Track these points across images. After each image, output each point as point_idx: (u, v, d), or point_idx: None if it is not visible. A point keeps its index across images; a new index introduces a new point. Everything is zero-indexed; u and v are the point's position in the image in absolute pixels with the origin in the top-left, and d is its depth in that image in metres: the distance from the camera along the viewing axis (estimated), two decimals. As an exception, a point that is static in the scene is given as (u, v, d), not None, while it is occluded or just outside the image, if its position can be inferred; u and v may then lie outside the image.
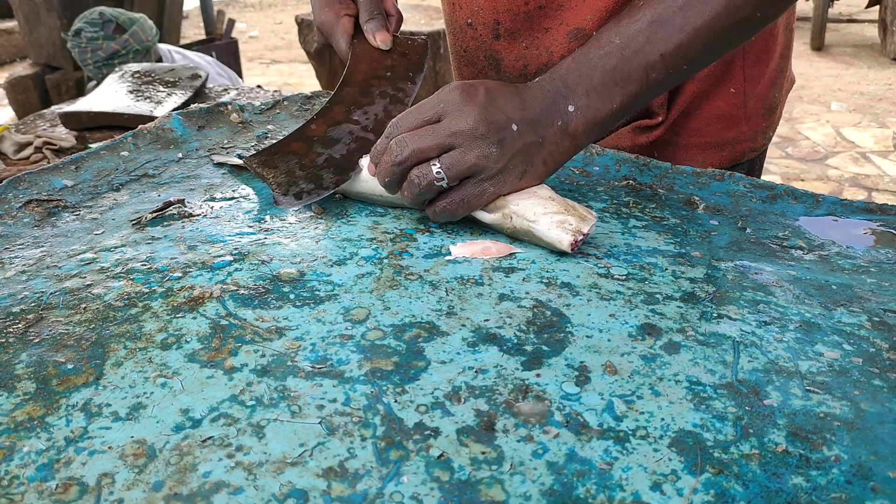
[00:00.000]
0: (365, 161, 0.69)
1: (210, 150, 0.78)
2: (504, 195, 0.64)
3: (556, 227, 0.61)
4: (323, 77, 4.13)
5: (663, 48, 0.63)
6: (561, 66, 0.66)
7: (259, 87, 1.80)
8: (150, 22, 2.43)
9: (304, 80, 5.21)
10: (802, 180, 3.27)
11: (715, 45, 0.65)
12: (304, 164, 0.70)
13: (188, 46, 3.92)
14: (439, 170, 0.61)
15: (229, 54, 3.82)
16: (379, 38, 0.77)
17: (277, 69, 5.62)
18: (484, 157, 0.61)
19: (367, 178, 0.69)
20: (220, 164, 0.79)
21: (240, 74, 4.02)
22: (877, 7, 5.39)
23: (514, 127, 0.61)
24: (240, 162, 0.76)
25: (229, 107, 0.92)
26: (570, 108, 0.64)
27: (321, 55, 3.87)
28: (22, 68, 4.19)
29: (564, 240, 0.61)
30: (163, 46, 2.54)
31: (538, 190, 0.65)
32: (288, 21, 7.03)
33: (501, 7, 0.82)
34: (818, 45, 5.41)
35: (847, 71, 4.92)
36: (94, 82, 2.47)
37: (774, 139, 3.72)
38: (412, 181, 0.62)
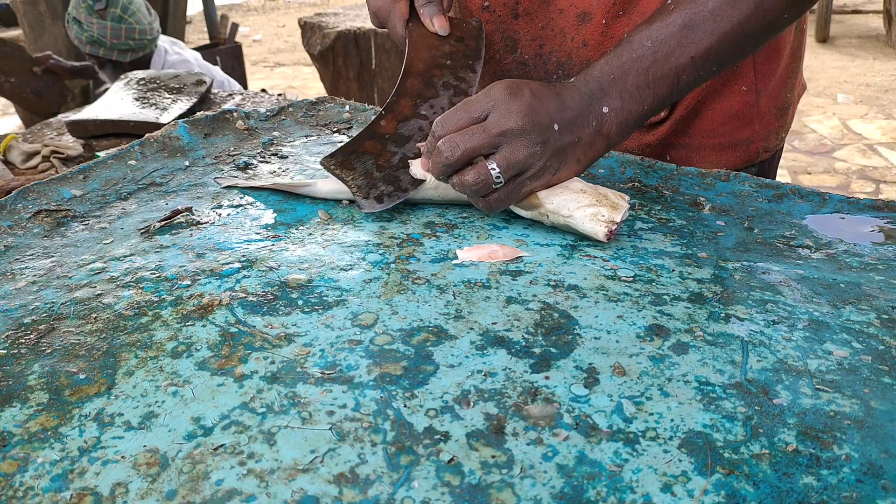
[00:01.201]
0: (415, 166, 0.70)
1: (217, 178, 0.78)
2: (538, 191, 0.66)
3: (589, 220, 0.64)
4: (327, 79, 4.14)
5: (694, 51, 0.65)
6: (595, 67, 0.67)
7: (263, 90, 1.81)
8: (148, 23, 2.45)
9: (308, 82, 5.22)
10: (810, 173, 3.25)
11: (744, 47, 0.67)
12: (380, 165, 0.71)
13: (192, 50, 3.93)
14: (498, 173, 0.62)
15: (233, 58, 3.83)
16: (437, 24, 0.77)
17: (281, 72, 5.63)
18: (531, 155, 0.62)
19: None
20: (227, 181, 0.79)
21: (244, 78, 4.03)
22: (882, -2, 5.37)
23: (556, 127, 0.63)
24: (246, 183, 0.76)
25: (235, 114, 0.92)
26: (605, 110, 0.65)
27: (325, 57, 3.88)
28: (28, 76, 4.21)
29: (599, 232, 0.64)
30: (161, 49, 2.55)
31: (570, 183, 0.66)
32: (291, 24, 7.05)
33: None
34: (823, 37, 5.38)
35: (853, 63, 4.90)
36: (100, 89, 2.50)
37: (780, 133, 3.70)
38: (468, 183, 0.63)
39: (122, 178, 0.78)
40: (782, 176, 3.21)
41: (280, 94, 1.83)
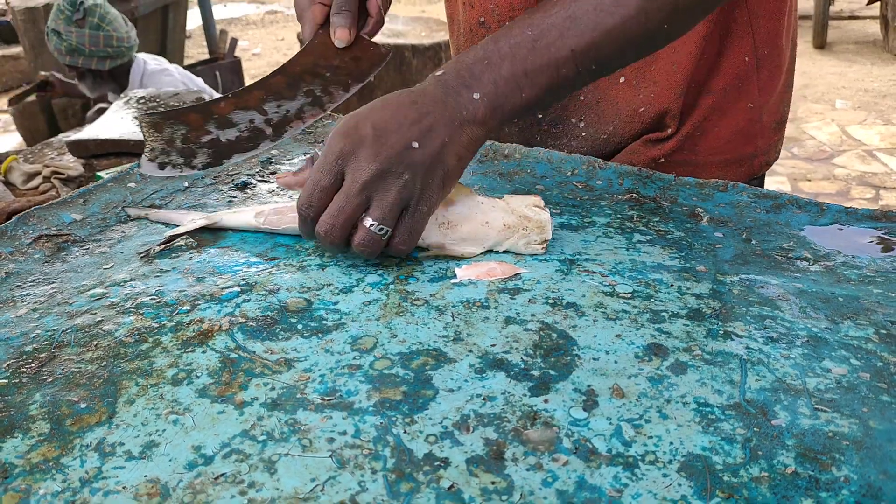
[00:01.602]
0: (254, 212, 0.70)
1: (126, 208, 0.77)
2: (445, 208, 0.66)
3: (524, 248, 0.67)
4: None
5: (574, 44, 0.63)
6: (468, 55, 0.65)
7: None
8: (125, 31, 2.50)
9: (308, 95, 5.22)
10: (809, 180, 3.26)
11: (624, 50, 0.66)
12: (186, 138, 0.69)
13: (193, 66, 3.96)
14: (378, 226, 0.61)
15: (233, 73, 3.85)
16: (337, 34, 0.74)
17: (281, 85, 5.64)
18: (402, 188, 0.60)
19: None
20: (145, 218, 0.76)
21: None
22: (877, 3, 5.38)
23: (415, 144, 0.60)
24: (157, 217, 0.75)
25: (233, 134, 0.92)
26: (476, 96, 0.63)
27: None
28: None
29: (538, 251, 0.66)
30: (140, 60, 2.60)
31: (489, 216, 0.67)
32: (290, 37, 7.08)
33: (517, 4, 0.84)
34: (820, 44, 5.39)
35: (850, 68, 4.91)
36: (91, 111, 2.53)
37: (779, 139, 3.70)
38: (360, 247, 0.61)
39: (122, 200, 0.78)
40: (782, 183, 3.21)
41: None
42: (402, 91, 0.64)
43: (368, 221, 0.60)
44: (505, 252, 0.67)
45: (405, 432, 0.45)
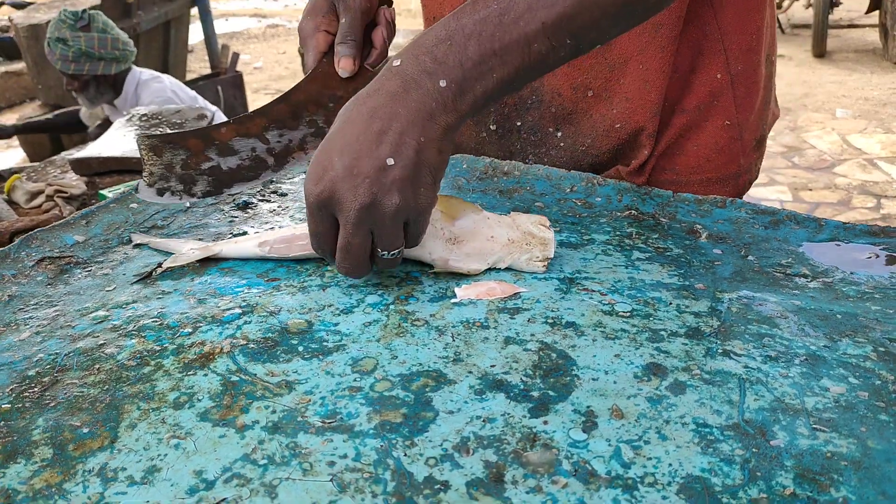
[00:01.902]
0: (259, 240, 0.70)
1: (132, 235, 0.76)
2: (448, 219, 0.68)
3: (526, 265, 0.67)
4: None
5: (545, 16, 0.57)
6: (427, 36, 0.59)
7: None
8: (125, 36, 2.55)
9: (310, 108, 5.24)
10: (810, 189, 3.26)
11: (599, 21, 0.59)
12: (187, 163, 0.69)
13: (195, 81, 3.98)
14: (389, 253, 0.61)
15: (234, 88, 3.87)
16: (341, 64, 0.73)
17: (283, 99, 5.66)
18: (395, 211, 0.58)
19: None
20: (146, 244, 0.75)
21: (246, 108, 4.07)
22: (876, 12, 5.40)
23: (390, 161, 0.57)
24: (158, 245, 0.73)
25: (235, 153, 0.93)
26: (442, 84, 0.58)
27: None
28: (31, 109, 4.26)
29: (539, 270, 0.67)
30: (136, 70, 2.63)
31: (495, 231, 0.69)
32: (291, 51, 7.11)
33: None
34: (820, 52, 5.41)
35: (850, 77, 4.92)
36: (92, 127, 2.56)
37: (780, 149, 3.72)
38: (383, 268, 0.63)
39: (124, 221, 0.79)
40: (783, 192, 3.22)
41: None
42: (359, 97, 0.60)
43: (379, 252, 0.61)
44: (506, 270, 0.67)
45: (405, 455, 0.45)
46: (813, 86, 4.74)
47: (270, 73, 6.53)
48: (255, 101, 5.43)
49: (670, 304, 0.61)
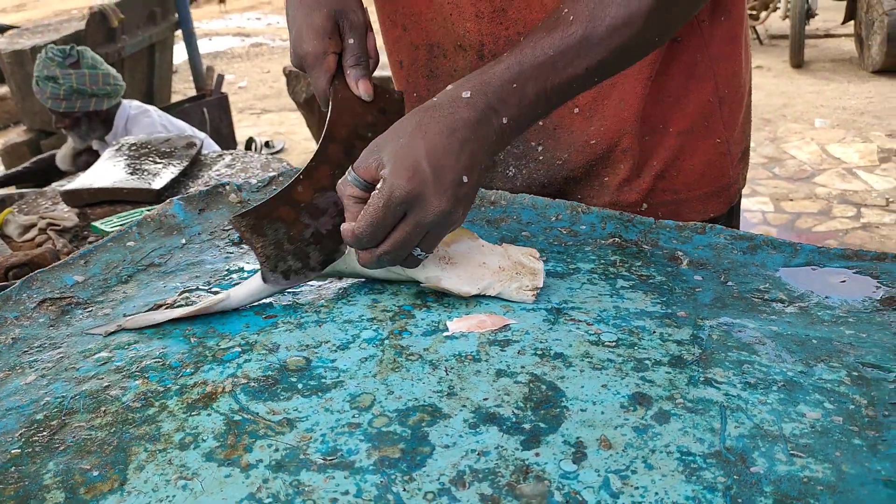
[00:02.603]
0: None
1: (90, 331, 0.69)
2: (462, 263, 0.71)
3: (516, 294, 0.70)
4: (313, 126, 4.20)
5: (588, 63, 0.68)
6: (494, 74, 0.67)
7: (251, 141, 1.85)
8: (114, 71, 2.55)
9: (295, 128, 5.27)
10: (791, 200, 3.31)
11: (625, 64, 0.72)
12: (291, 237, 0.70)
13: (181, 103, 4.00)
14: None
15: (220, 110, 3.89)
16: (362, 88, 0.75)
17: (268, 119, 5.69)
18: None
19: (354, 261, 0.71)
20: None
21: (231, 128, 4.08)
22: (852, 22, 5.50)
23: (465, 178, 0.64)
24: (112, 328, 0.69)
25: (227, 188, 0.95)
26: (504, 121, 0.66)
27: (310, 104, 3.94)
28: (16, 134, 4.26)
29: (528, 300, 0.70)
30: (125, 104, 2.63)
31: (487, 258, 0.72)
32: (276, 70, 7.14)
33: (485, 30, 0.88)
34: (798, 63, 5.50)
35: (828, 86, 5.01)
36: (80, 154, 2.57)
37: (761, 160, 3.78)
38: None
39: (122, 260, 0.81)
40: (764, 203, 3.27)
41: (267, 142, 1.86)
42: (430, 112, 0.66)
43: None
44: (496, 301, 0.69)
45: (404, 490, 0.47)
46: (791, 96, 4.81)
47: (255, 92, 6.55)
48: (241, 122, 5.45)
49: (654, 332, 0.64)
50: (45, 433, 0.55)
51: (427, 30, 0.93)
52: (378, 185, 0.64)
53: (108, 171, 1.56)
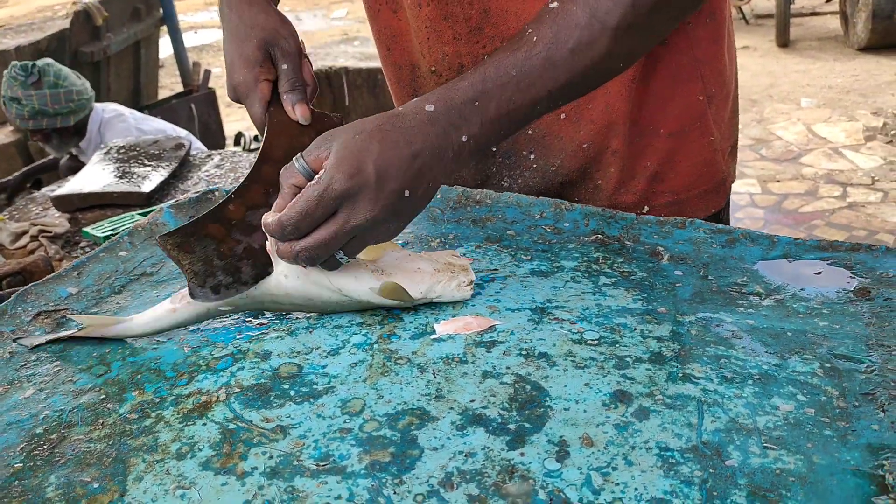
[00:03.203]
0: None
1: (19, 341, 0.71)
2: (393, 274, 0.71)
3: (457, 291, 0.72)
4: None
5: (552, 86, 0.68)
6: (457, 90, 0.67)
7: (239, 135, 1.85)
8: (81, 84, 2.53)
9: (284, 120, 5.25)
10: (778, 181, 3.34)
11: (591, 86, 0.73)
12: (221, 252, 0.69)
13: (168, 99, 3.99)
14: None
15: (208, 105, 3.89)
16: (299, 112, 0.77)
17: (256, 112, 5.66)
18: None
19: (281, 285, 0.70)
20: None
21: (220, 123, 4.08)
22: (837, -1, 5.52)
23: (407, 193, 0.64)
24: (50, 336, 0.71)
25: (216, 193, 0.97)
26: (464, 139, 0.66)
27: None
28: (3, 135, 4.24)
29: (468, 294, 0.72)
30: (98, 108, 2.61)
31: (422, 264, 0.73)
32: (262, 61, 7.09)
33: (464, 51, 0.89)
34: (783, 42, 5.52)
35: (814, 65, 5.03)
36: (65, 158, 2.56)
37: (748, 142, 3.80)
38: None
39: (115, 270, 0.82)
40: (752, 185, 3.29)
41: (255, 137, 1.86)
42: (393, 119, 0.66)
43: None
44: (481, 300, 0.71)
45: (395, 493, 0.49)
46: (778, 76, 4.83)
47: (242, 85, 6.51)
48: (229, 116, 5.43)
49: (635, 329, 0.66)
50: (45, 447, 0.56)
51: (408, 50, 0.94)
52: (317, 176, 0.63)
53: (97, 176, 1.57)
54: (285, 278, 0.69)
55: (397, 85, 0.98)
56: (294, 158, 0.66)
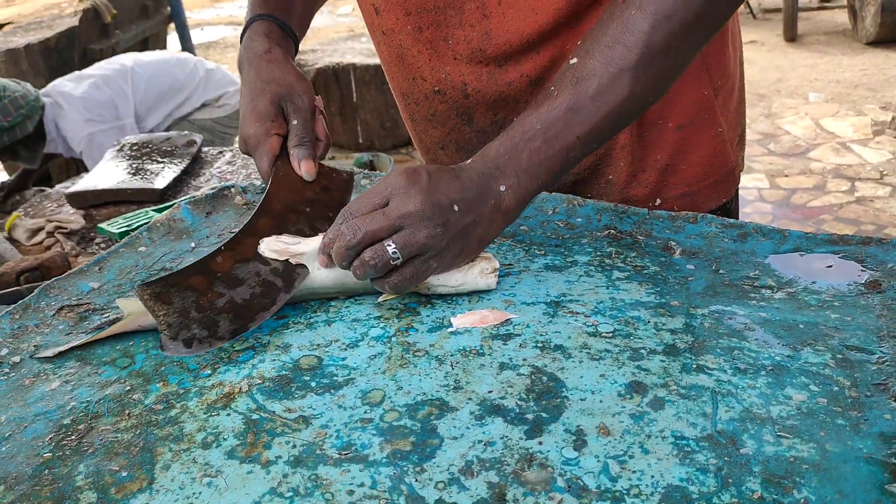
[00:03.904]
0: (264, 244, 0.72)
1: (37, 356, 0.69)
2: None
3: (481, 278, 0.72)
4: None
5: (579, 131, 0.71)
6: (490, 149, 0.72)
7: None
8: (22, 88, 2.48)
9: (291, 117, 5.27)
10: (786, 176, 3.34)
11: (621, 125, 0.75)
12: (200, 305, 0.67)
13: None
14: (394, 249, 0.66)
15: (216, 102, 3.89)
16: (304, 167, 0.77)
17: (263, 108, 5.68)
18: (431, 236, 0.66)
19: (315, 276, 0.71)
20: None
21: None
22: (845, -7, 5.49)
23: (456, 208, 0.67)
24: (51, 353, 0.68)
25: (232, 190, 0.98)
26: (502, 189, 0.70)
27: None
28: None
29: (493, 283, 0.73)
30: (47, 108, 2.56)
31: None
32: (269, 58, 7.11)
33: (466, 70, 0.90)
34: (791, 36, 5.50)
35: (822, 59, 5.01)
36: (15, 175, 2.55)
37: (756, 136, 3.80)
38: (366, 261, 0.67)
39: (135, 265, 0.84)
40: (760, 180, 3.29)
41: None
42: (437, 168, 0.70)
43: (389, 244, 0.66)
44: (497, 293, 0.72)
45: (416, 480, 0.51)
46: (786, 70, 4.82)
47: (249, 82, 6.54)
48: (236, 113, 5.44)
49: (648, 322, 0.67)
50: (73, 437, 0.58)
51: (413, 69, 0.95)
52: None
53: (111, 172, 1.58)
54: (318, 269, 0.71)
55: (406, 105, 0.99)
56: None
